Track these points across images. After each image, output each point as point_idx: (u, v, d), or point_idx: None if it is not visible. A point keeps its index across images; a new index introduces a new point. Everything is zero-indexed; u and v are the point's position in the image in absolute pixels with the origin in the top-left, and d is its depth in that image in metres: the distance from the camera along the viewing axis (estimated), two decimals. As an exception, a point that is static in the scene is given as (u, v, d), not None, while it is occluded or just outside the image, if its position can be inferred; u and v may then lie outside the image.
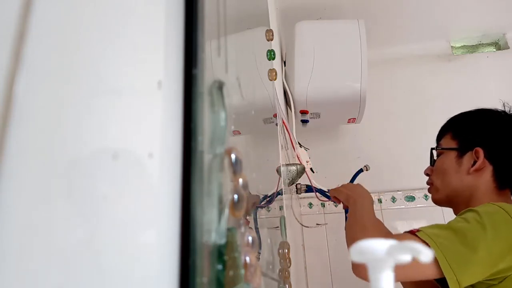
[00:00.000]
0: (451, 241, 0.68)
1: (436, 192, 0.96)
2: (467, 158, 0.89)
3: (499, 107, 0.98)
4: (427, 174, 1.01)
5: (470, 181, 0.88)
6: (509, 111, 0.94)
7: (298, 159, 1.24)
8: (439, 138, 1.00)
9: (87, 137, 0.19)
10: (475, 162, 0.88)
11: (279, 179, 0.79)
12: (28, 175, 0.15)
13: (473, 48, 2.01)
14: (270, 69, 0.82)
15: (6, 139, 0.14)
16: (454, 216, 0.93)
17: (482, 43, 2.01)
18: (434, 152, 1.01)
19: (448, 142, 0.95)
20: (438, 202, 0.97)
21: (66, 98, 0.18)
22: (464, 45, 2.02)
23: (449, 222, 0.75)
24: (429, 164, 1.02)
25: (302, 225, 1.54)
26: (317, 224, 1.68)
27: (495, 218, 0.72)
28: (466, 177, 0.88)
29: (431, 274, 0.67)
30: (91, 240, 0.18)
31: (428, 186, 1.01)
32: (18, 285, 0.14)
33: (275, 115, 0.88)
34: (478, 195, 0.86)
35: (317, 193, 1.20)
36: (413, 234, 0.71)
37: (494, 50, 1.99)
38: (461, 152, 0.91)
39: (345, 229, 0.89)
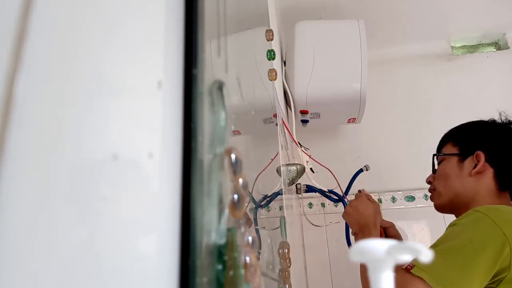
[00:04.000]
0: (444, 267, 0.70)
1: (439, 197, 0.97)
2: (469, 162, 0.92)
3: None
4: (429, 182, 1.03)
5: (471, 184, 0.90)
6: (506, 119, 0.97)
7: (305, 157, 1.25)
8: (440, 147, 1.02)
9: (87, 137, 0.19)
10: (476, 166, 0.90)
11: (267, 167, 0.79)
12: (28, 175, 0.15)
13: (473, 48, 2.01)
14: (270, 69, 0.82)
15: (6, 139, 0.14)
16: (456, 217, 0.95)
17: (482, 43, 2.00)
18: (435, 160, 1.04)
19: (449, 149, 0.98)
20: (440, 207, 0.99)
21: (66, 98, 0.18)
22: (464, 45, 2.02)
23: (437, 243, 0.77)
24: (430, 168, 1.04)
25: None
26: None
27: (478, 228, 0.74)
28: (468, 180, 0.90)
29: None
30: (91, 241, 0.18)
31: (430, 194, 1.03)
32: (18, 285, 0.14)
33: (275, 115, 0.88)
34: (479, 197, 0.88)
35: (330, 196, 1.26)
36: (408, 271, 0.73)
37: (494, 50, 1.99)
38: (462, 157, 0.93)
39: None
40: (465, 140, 0.95)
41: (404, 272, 0.73)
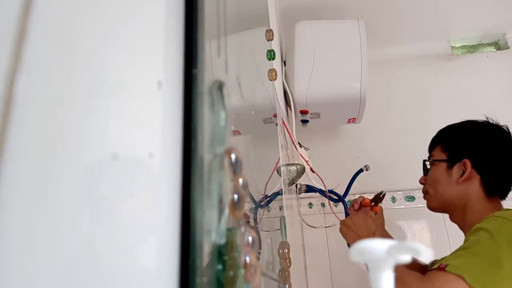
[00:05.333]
0: (479, 266, 0.74)
1: (430, 200, 1.04)
2: (456, 169, 0.97)
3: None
4: (421, 183, 1.09)
5: (460, 190, 0.95)
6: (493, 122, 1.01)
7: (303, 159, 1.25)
8: (431, 149, 1.07)
9: (87, 137, 0.19)
10: (463, 172, 0.95)
11: (272, 174, 0.79)
12: (28, 175, 0.15)
13: (473, 48, 2.01)
14: (270, 69, 0.82)
15: (6, 139, 0.14)
16: (450, 220, 1.02)
17: (482, 43, 2.00)
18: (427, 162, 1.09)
19: (438, 154, 1.03)
20: (432, 209, 1.05)
21: (66, 98, 0.18)
22: (464, 45, 2.02)
23: (466, 246, 0.81)
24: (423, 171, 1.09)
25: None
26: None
27: (505, 232, 0.78)
28: (457, 187, 0.96)
29: None
30: (91, 240, 0.18)
31: (423, 195, 1.09)
32: (18, 285, 0.14)
33: (275, 115, 0.88)
34: (470, 203, 0.94)
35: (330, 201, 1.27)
36: (442, 270, 0.75)
37: (494, 50, 1.99)
38: (450, 163, 0.99)
39: None
40: (453, 146, 1.00)
41: (439, 271, 0.75)
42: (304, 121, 1.59)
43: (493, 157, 0.94)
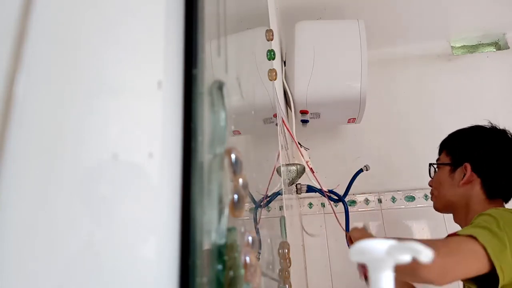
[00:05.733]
0: (489, 237, 0.78)
1: (435, 201, 1.10)
2: (458, 173, 1.02)
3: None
4: (430, 185, 1.15)
5: (462, 192, 1.01)
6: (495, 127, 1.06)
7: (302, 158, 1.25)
8: (439, 153, 1.13)
9: (87, 137, 0.19)
10: (465, 176, 1.00)
11: (271, 177, 0.79)
12: (28, 175, 0.15)
13: (473, 48, 2.01)
14: (270, 69, 0.82)
15: (6, 139, 0.14)
16: (454, 221, 1.07)
17: (482, 43, 2.00)
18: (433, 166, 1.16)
19: (444, 158, 1.09)
20: (437, 209, 1.11)
21: (66, 98, 0.18)
22: (464, 45, 2.02)
23: (473, 226, 0.85)
24: (428, 174, 1.16)
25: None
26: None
27: (504, 217, 0.83)
28: (458, 189, 1.02)
29: (478, 267, 0.76)
30: (91, 241, 0.18)
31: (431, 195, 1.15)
32: (18, 285, 0.14)
33: (275, 115, 0.88)
34: (472, 204, 0.99)
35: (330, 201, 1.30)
36: (455, 235, 0.81)
37: (494, 50, 1.99)
38: (453, 167, 1.04)
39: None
40: (456, 150, 1.05)
41: (453, 236, 0.80)
42: (304, 121, 1.59)
43: (495, 161, 0.98)
